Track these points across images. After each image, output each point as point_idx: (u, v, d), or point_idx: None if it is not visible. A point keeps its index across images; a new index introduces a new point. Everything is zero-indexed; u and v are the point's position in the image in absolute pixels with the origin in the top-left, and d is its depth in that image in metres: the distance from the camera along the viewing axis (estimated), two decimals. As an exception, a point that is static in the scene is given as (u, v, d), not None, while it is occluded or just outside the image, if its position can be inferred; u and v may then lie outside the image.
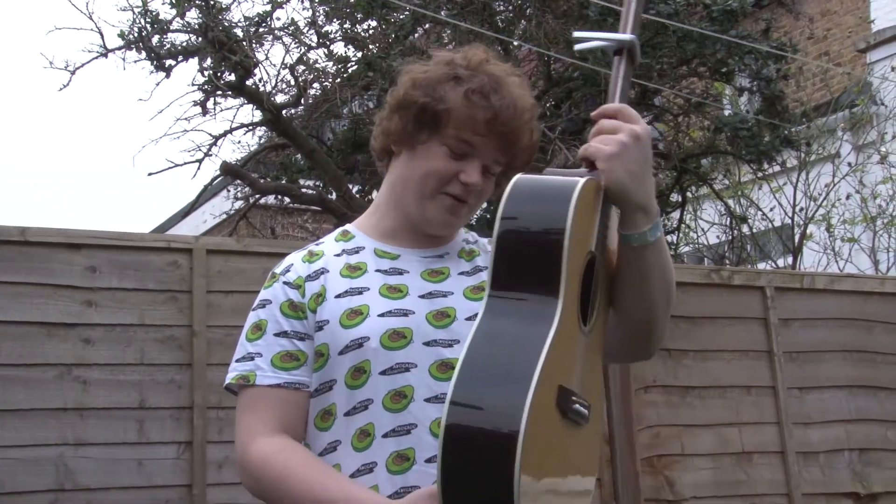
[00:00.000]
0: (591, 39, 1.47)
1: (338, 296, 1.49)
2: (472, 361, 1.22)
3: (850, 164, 7.95)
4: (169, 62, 6.76)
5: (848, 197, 7.88)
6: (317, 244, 1.61)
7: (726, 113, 7.50)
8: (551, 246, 1.26)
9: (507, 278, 1.29)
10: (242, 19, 7.09)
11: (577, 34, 1.50)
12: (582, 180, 1.29)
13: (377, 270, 1.52)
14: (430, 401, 1.42)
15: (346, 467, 1.44)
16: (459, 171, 1.49)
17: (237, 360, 1.53)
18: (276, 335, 1.50)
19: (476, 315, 1.42)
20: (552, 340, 1.21)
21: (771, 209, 7.95)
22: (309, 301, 1.50)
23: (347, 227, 1.63)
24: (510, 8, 7.45)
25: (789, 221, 7.84)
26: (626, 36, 1.42)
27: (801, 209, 7.75)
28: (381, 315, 1.46)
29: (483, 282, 1.51)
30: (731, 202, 8.02)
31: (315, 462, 1.44)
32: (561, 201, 1.27)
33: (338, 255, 1.56)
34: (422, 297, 1.50)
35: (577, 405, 1.27)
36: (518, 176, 1.34)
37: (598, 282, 1.36)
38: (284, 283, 1.53)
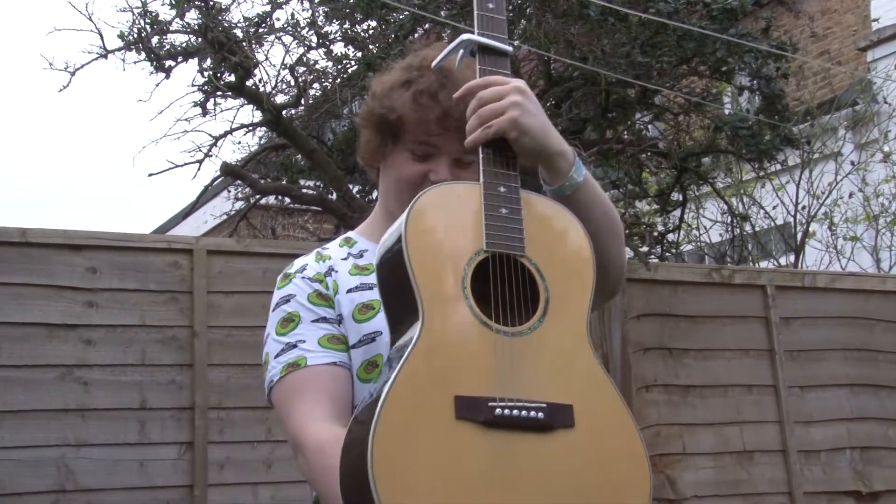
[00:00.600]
0: (444, 58, 1.46)
1: (349, 290, 1.50)
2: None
3: (852, 163, 7.94)
4: (169, 63, 6.75)
5: (851, 195, 7.87)
6: (323, 249, 1.62)
7: (726, 112, 7.50)
8: (397, 262, 1.26)
9: (390, 312, 1.32)
10: (242, 20, 7.09)
11: (433, 64, 1.49)
12: (410, 205, 1.29)
13: None
14: None
15: None
16: (428, 172, 1.49)
17: (276, 357, 1.48)
18: (314, 321, 1.47)
19: None
20: (409, 355, 1.17)
21: (773, 207, 7.95)
22: (332, 293, 1.50)
23: (349, 234, 1.65)
24: (510, 8, 7.45)
25: (791, 220, 7.83)
26: (463, 37, 1.41)
27: (804, 207, 7.74)
28: None
29: None
30: (733, 201, 8.02)
31: None
32: (399, 219, 1.30)
33: (344, 259, 1.57)
34: None
35: (511, 410, 1.17)
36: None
37: (549, 274, 1.29)
38: (304, 278, 1.53)
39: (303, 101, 7.72)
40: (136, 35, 6.52)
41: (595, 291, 1.33)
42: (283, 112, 7.30)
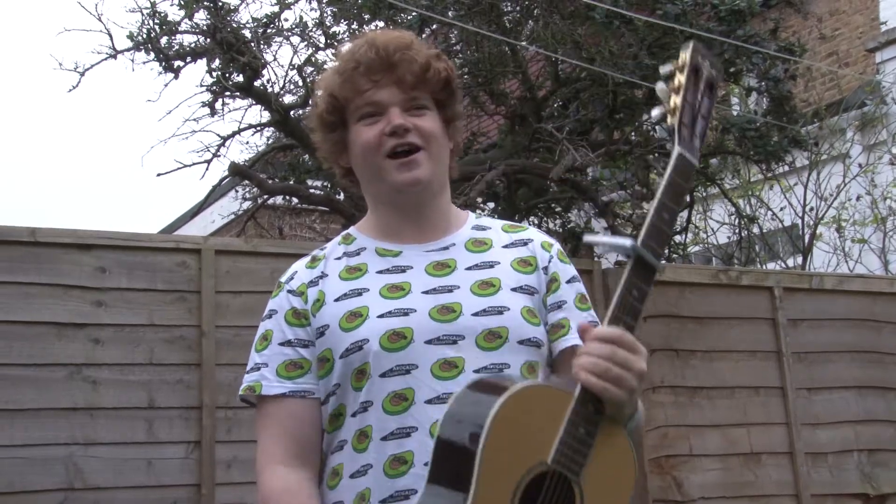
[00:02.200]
0: (597, 243, 1.44)
1: (336, 299, 1.49)
2: None
3: (860, 165, 7.92)
4: (177, 63, 6.78)
5: (858, 198, 7.84)
6: (321, 249, 1.62)
7: (734, 113, 7.48)
8: (472, 434, 1.27)
9: (439, 476, 1.32)
10: (251, 20, 7.11)
11: (587, 238, 1.50)
12: (511, 391, 1.29)
13: (378, 272, 1.51)
14: (431, 402, 1.41)
15: (347, 467, 1.45)
16: (383, 128, 1.50)
17: (247, 372, 1.55)
18: (281, 344, 1.51)
19: (482, 310, 1.44)
20: None
21: (781, 209, 7.93)
22: (311, 308, 1.50)
23: (350, 230, 1.64)
24: (517, 8, 7.45)
25: (799, 221, 7.81)
26: (626, 241, 1.35)
27: (812, 209, 7.72)
28: (381, 316, 1.45)
29: (494, 278, 1.50)
30: (740, 202, 8.00)
31: None
32: (488, 404, 1.29)
33: (338, 259, 1.56)
34: (425, 292, 1.48)
35: None
36: (475, 378, 1.38)
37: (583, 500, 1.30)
38: (288, 291, 1.54)
39: (310, 102, 7.73)
40: (145, 35, 6.54)
41: None
42: (291, 112, 7.31)
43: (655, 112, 1.43)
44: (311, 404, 1.49)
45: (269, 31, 7.14)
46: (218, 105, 7.27)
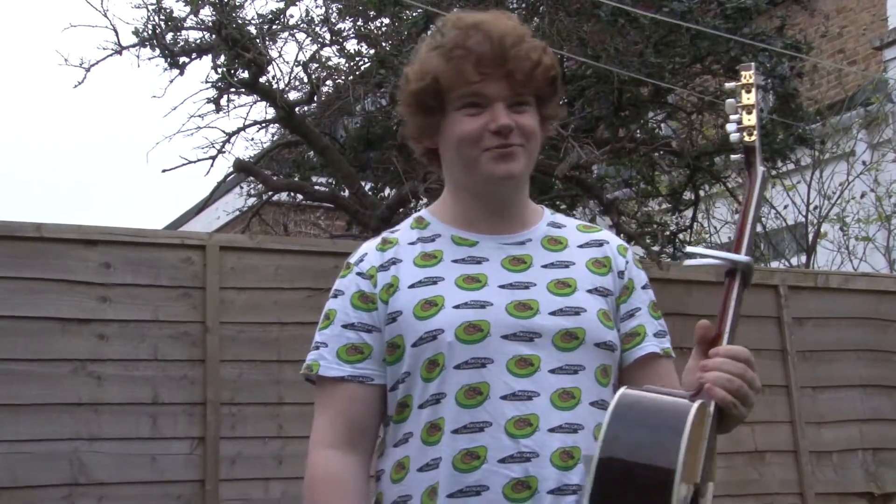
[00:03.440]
0: (704, 256, 1.47)
1: (411, 286, 1.45)
2: None
3: (864, 163, 7.89)
4: (182, 59, 6.78)
5: (863, 196, 7.82)
6: (391, 232, 1.56)
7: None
8: (657, 485, 1.22)
9: (605, 498, 1.25)
10: (256, 17, 7.10)
11: (689, 250, 1.51)
12: (693, 409, 1.27)
13: (454, 261, 1.47)
14: (506, 398, 1.38)
15: (414, 460, 1.41)
16: (486, 123, 1.44)
17: (311, 350, 1.51)
18: (344, 326, 1.47)
19: (559, 310, 1.42)
20: None
21: (784, 207, 7.91)
22: (381, 292, 1.46)
23: (422, 213, 1.58)
24: (523, 6, 7.44)
25: (803, 220, 7.79)
26: (741, 257, 1.45)
27: (815, 207, 7.70)
28: (457, 307, 1.41)
29: (570, 278, 1.48)
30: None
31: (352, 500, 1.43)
32: (672, 434, 1.24)
33: (412, 244, 1.51)
34: (502, 287, 1.44)
35: None
36: (623, 392, 1.32)
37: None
38: (357, 273, 1.49)
39: (316, 98, 7.74)
40: (150, 31, 6.55)
41: None
42: (296, 109, 7.31)
43: (733, 130, 1.53)
44: (370, 390, 1.46)
45: (274, 27, 7.13)
46: (223, 101, 7.27)
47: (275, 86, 7.15)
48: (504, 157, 1.45)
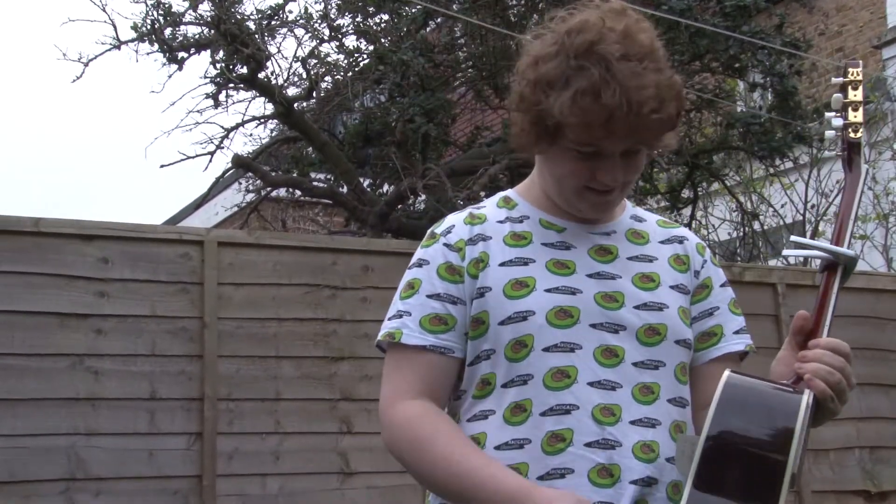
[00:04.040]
0: (810, 247, 1.46)
1: (502, 264, 1.43)
2: None
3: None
4: (181, 54, 6.78)
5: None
6: (477, 208, 1.52)
7: (739, 109, 7.47)
8: (772, 470, 1.23)
9: (713, 484, 1.24)
10: (255, 12, 7.10)
11: (794, 239, 1.48)
12: (805, 399, 1.27)
13: (543, 244, 1.45)
14: (592, 385, 1.37)
15: (492, 438, 1.39)
16: (595, 170, 1.39)
17: (388, 318, 1.46)
18: (429, 296, 1.43)
19: (644, 304, 1.42)
20: None
21: (782, 206, 7.92)
22: (469, 266, 1.43)
23: (509, 193, 1.54)
24: (522, 2, 7.43)
25: (801, 218, 7.80)
26: (847, 251, 1.43)
27: (813, 206, 7.71)
28: (548, 290, 1.40)
29: (653, 273, 1.46)
30: (742, 198, 7.99)
31: (458, 432, 1.40)
32: (785, 422, 1.25)
33: (501, 222, 1.48)
34: (589, 276, 1.43)
35: None
36: (729, 375, 1.30)
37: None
38: (445, 244, 1.46)
39: (314, 94, 7.72)
40: (149, 26, 6.54)
41: None
42: (295, 105, 7.30)
43: (838, 122, 1.53)
44: (450, 362, 1.43)
45: (273, 22, 7.12)
46: (221, 97, 7.27)
47: (273, 81, 7.13)
48: (602, 202, 1.44)
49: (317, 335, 3.91)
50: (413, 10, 7.02)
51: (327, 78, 7.67)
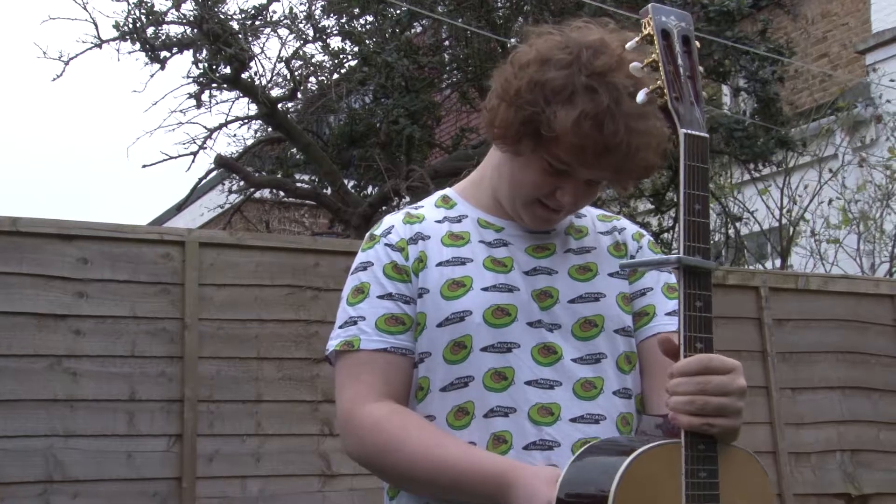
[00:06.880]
0: (639, 265, 1.43)
1: (439, 264, 1.41)
2: None
3: (830, 170, 7.88)
4: (164, 54, 6.74)
5: (830, 202, 7.82)
6: (415, 208, 1.52)
7: (725, 112, 7.49)
8: None
9: None
10: (238, 12, 7.07)
11: (622, 263, 1.44)
12: (626, 462, 1.18)
13: (481, 241, 1.44)
14: (530, 384, 1.37)
15: None
16: (556, 188, 1.38)
17: (339, 327, 1.43)
18: (380, 297, 1.41)
19: (579, 297, 1.40)
20: None
21: (754, 211, 7.93)
22: (413, 264, 1.42)
23: (448, 192, 1.54)
24: (507, 5, 7.44)
25: (776, 224, 7.82)
26: (671, 256, 1.24)
27: (788, 211, 7.73)
28: (485, 289, 1.39)
29: (591, 262, 1.45)
30: (724, 201, 8.01)
31: (429, 424, 1.37)
32: (611, 468, 1.18)
33: (439, 222, 1.47)
34: (526, 273, 1.42)
35: None
36: (588, 446, 1.28)
37: None
38: (386, 244, 1.44)
39: (299, 95, 7.69)
40: (131, 25, 6.49)
41: None
42: (279, 105, 7.27)
43: (641, 97, 1.26)
44: (409, 363, 1.40)
45: (256, 22, 7.09)
46: (204, 97, 7.23)
47: (257, 82, 7.10)
48: (548, 217, 1.43)
49: (299, 337, 3.88)
50: (398, 12, 7.01)
51: (312, 79, 7.65)
